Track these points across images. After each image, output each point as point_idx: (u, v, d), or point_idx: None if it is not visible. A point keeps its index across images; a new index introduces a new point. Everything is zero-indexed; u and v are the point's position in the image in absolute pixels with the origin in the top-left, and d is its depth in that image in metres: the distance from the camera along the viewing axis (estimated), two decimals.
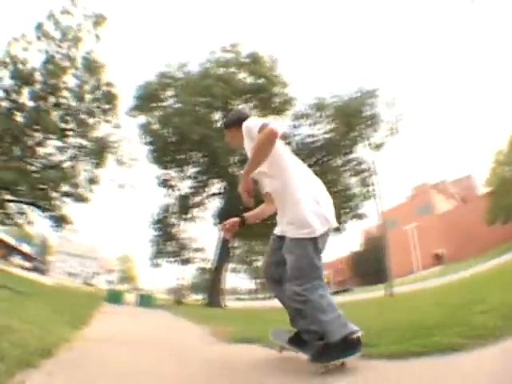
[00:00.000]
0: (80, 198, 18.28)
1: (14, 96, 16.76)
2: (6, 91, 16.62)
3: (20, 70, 16.58)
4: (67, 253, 63.60)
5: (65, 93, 17.78)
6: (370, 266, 47.07)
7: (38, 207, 17.95)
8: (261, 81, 18.51)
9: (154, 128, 19.32)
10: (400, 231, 38.12)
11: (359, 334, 1.80)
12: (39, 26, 16.93)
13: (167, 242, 21.36)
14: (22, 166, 16.01)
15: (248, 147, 2.11)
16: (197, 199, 21.58)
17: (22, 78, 16.70)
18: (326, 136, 18.54)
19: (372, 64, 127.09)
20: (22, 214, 18.64)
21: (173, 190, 21.27)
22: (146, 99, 18.94)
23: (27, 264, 36.87)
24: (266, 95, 18.85)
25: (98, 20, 17.87)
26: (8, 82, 16.61)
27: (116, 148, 19.37)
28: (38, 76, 17.10)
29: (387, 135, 17.94)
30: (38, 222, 19.65)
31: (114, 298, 12.86)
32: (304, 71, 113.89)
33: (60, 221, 18.28)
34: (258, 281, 65.01)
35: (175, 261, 21.71)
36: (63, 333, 2.64)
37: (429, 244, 37.14)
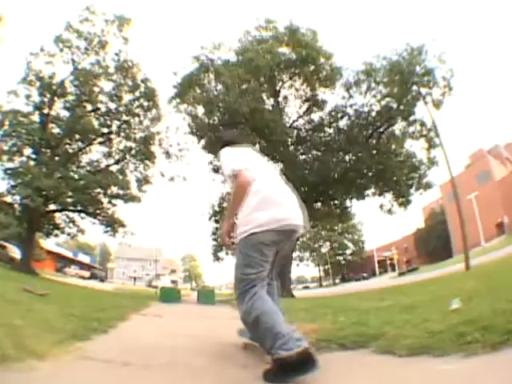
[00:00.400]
0: (130, 199, 17.82)
1: (46, 110, 16.76)
2: (37, 107, 16.56)
3: (48, 84, 16.48)
4: (128, 258, 64.93)
5: (101, 97, 17.68)
6: (434, 242, 44.77)
7: (88, 214, 17.66)
8: (305, 52, 17.26)
9: (199, 114, 18.49)
10: (464, 201, 35.07)
11: (302, 348, 1.60)
12: (58, 39, 16.69)
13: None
14: (64, 173, 15.63)
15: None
16: None
17: (53, 92, 16.60)
18: (382, 102, 17.55)
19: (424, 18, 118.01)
20: (72, 222, 18.36)
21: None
22: (186, 86, 17.93)
23: (85, 273, 38.11)
24: (313, 67, 17.80)
25: (121, 22, 17.49)
26: (37, 98, 16.61)
27: (161, 139, 18.82)
28: (69, 86, 17.02)
29: (444, 92, 16.61)
30: (95, 232, 20.02)
31: (168, 296, 11.79)
32: (343, 39, 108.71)
33: (112, 224, 17.97)
34: (321, 268, 65.31)
35: None
36: (45, 345, 1.90)
37: (491, 212, 35.49)
